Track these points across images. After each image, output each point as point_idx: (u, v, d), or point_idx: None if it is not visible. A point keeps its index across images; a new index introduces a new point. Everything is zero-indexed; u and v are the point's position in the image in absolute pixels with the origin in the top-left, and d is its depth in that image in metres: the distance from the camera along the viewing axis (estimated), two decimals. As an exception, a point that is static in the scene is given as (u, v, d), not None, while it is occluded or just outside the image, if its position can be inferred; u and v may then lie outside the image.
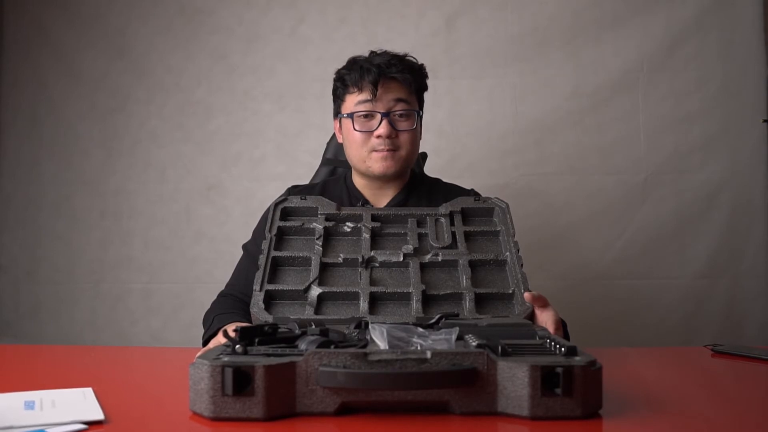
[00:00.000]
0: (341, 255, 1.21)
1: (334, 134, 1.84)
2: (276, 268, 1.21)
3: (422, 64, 1.52)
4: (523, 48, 2.37)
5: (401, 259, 1.21)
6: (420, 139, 1.54)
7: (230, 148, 2.42)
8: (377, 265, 1.21)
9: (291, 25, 2.42)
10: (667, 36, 2.35)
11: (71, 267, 2.42)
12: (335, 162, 1.81)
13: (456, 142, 2.36)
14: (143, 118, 2.44)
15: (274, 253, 1.21)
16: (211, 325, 1.32)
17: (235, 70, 2.43)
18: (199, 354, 0.81)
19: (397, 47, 1.53)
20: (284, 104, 2.41)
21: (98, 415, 0.78)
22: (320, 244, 1.24)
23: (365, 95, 1.43)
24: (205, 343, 1.30)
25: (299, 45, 2.42)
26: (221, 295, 1.47)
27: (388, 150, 1.43)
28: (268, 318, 1.09)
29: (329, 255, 1.22)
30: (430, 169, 1.83)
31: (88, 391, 0.88)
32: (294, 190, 1.55)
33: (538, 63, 2.36)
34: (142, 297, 2.40)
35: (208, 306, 1.44)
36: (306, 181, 1.83)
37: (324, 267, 1.20)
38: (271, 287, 1.15)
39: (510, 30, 2.37)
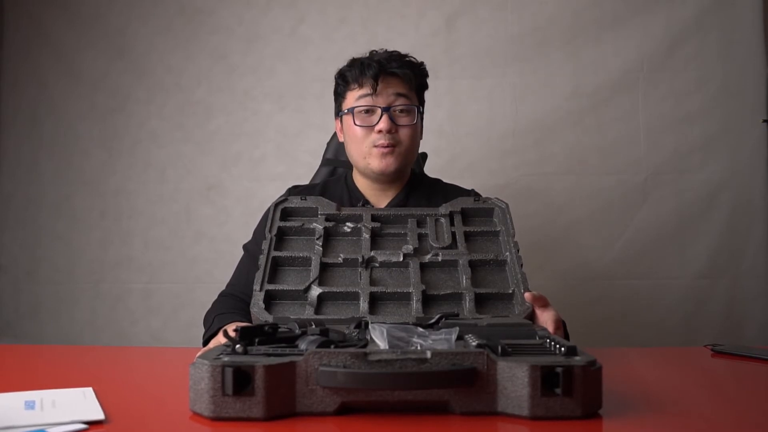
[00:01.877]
0: (341, 255, 1.21)
1: (334, 134, 1.84)
2: (276, 268, 1.21)
3: (422, 62, 1.53)
4: (523, 48, 2.37)
5: (401, 259, 1.21)
6: (421, 137, 1.54)
7: (230, 148, 2.42)
8: (377, 265, 1.21)
9: (291, 25, 2.42)
10: (667, 36, 2.35)
11: (71, 267, 2.42)
12: (335, 162, 1.81)
13: (456, 142, 2.36)
14: (143, 118, 2.44)
15: (274, 253, 1.21)
16: (212, 325, 1.32)
17: (235, 70, 2.43)
18: (199, 354, 0.81)
19: (397, 47, 1.53)
20: (284, 104, 2.41)
21: (98, 414, 0.78)
22: (320, 244, 1.24)
23: (366, 90, 1.44)
24: (206, 343, 1.30)
25: (299, 45, 2.42)
26: (222, 295, 1.47)
27: (388, 145, 1.43)
28: (269, 318, 1.09)
29: (329, 255, 1.22)
30: (430, 169, 1.83)
31: (89, 391, 0.88)
32: (294, 191, 1.55)
33: (538, 63, 2.36)
34: (142, 297, 2.40)
35: (208, 306, 1.44)
36: (306, 181, 1.83)
37: (324, 267, 1.20)
38: (271, 287, 1.15)
39: (510, 30, 2.37)
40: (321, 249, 1.23)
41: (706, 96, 2.34)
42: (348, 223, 1.29)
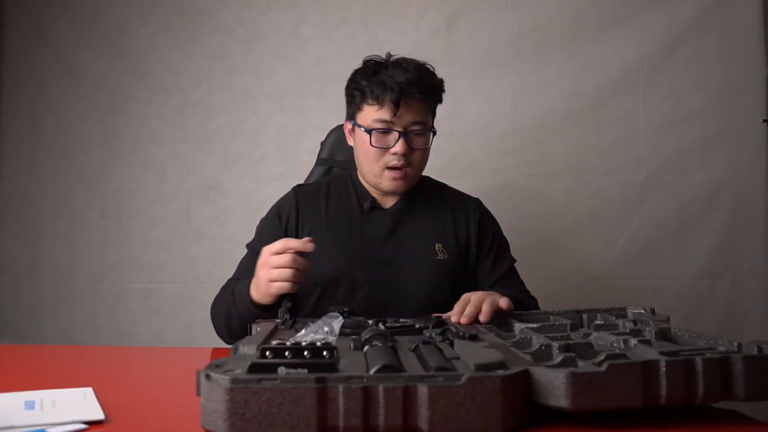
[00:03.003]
0: None
1: (328, 134, 1.84)
2: None
3: (441, 80, 1.49)
4: (523, 48, 2.37)
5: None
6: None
7: (230, 148, 2.42)
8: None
9: (291, 25, 2.42)
10: (667, 36, 2.35)
11: (71, 267, 2.42)
12: (330, 162, 1.81)
13: (456, 142, 2.36)
14: (143, 118, 2.44)
15: None
16: (234, 296, 1.29)
17: (235, 70, 2.43)
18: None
19: (397, 47, 1.53)
20: (284, 104, 2.41)
21: (98, 414, 0.78)
22: None
23: (385, 113, 1.41)
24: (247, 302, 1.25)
25: (299, 45, 2.42)
26: (224, 287, 1.46)
27: (401, 166, 1.43)
28: None
29: None
30: (430, 170, 1.81)
31: (89, 391, 0.88)
32: (300, 190, 1.55)
33: (538, 63, 2.36)
34: (142, 297, 2.40)
35: (209, 306, 1.43)
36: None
37: None
38: None
39: (510, 30, 2.37)
40: None
41: (706, 96, 2.34)
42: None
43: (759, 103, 2.31)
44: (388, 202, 1.52)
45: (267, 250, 1.19)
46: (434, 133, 1.49)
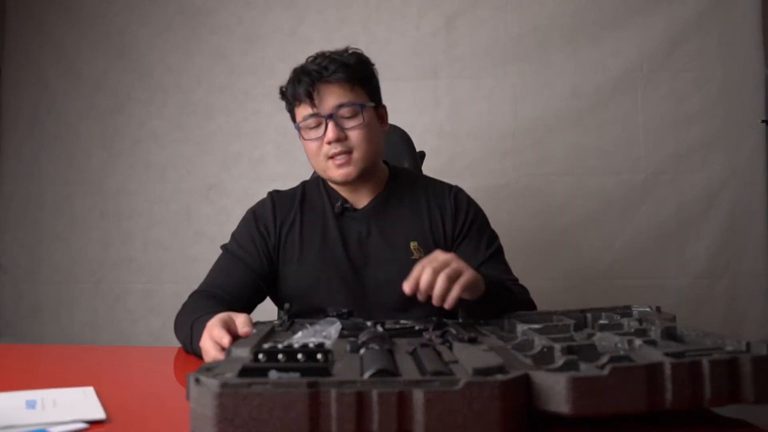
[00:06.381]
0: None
1: None
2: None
3: (361, 57, 1.42)
4: (523, 48, 2.37)
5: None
6: (383, 130, 1.45)
7: (230, 148, 2.42)
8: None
9: (291, 25, 2.43)
10: (667, 36, 2.35)
11: (71, 267, 2.42)
12: None
13: (456, 142, 2.36)
14: (143, 118, 2.44)
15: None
16: (192, 335, 1.22)
17: (235, 70, 2.43)
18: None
19: (397, 47, 1.53)
20: (284, 104, 2.41)
21: (99, 414, 0.78)
22: None
23: (306, 107, 1.38)
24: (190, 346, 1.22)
25: (299, 45, 2.41)
26: (193, 293, 1.42)
27: (341, 153, 1.35)
28: None
29: None
30: (431, 169, 1.82)
31: (89, 391, 0.88)
32: (276, 196, 1.51)
33: (538, 63, 2.37)
34: (142, 297, 2.40)
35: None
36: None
37: None
38: None
39: (510, 30, 2.37)
40: None
41: (706, 96, 2.34)
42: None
43: (758, 104, 2.32)
44: (361, 202, 1.45)
45: (218, 334, 1.04)
46: (366, 107, 1.38)
